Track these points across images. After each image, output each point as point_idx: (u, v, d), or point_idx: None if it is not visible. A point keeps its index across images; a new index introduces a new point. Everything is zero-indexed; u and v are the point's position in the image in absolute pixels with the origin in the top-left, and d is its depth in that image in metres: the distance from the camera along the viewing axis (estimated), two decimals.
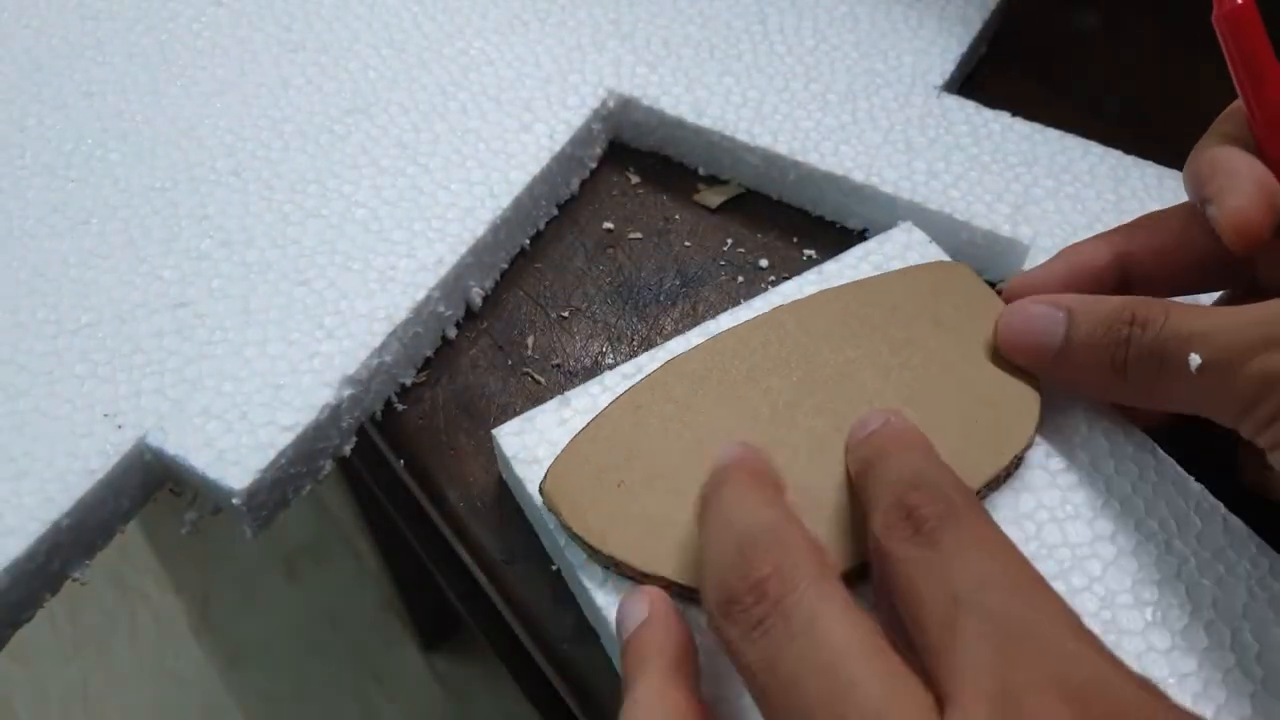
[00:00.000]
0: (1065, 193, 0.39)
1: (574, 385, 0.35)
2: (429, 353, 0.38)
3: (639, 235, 0.41)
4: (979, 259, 0.38)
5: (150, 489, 0.34)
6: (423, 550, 0.60)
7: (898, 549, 0.23)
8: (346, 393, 0.34)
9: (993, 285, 0.39)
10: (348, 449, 0.35)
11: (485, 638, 0.60)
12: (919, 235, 0.36)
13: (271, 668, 1.05)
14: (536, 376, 0.37)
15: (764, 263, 0.40)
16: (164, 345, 0.35)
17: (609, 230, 0.41)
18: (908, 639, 0.22)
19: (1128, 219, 0.38)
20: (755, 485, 0.25)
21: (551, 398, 0.33)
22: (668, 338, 0.36)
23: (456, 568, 0.57)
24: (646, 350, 0.34)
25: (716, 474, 0.26)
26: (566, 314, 0.39)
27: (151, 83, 0.43)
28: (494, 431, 0.32)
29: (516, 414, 0.33)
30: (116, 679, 1.04)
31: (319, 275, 0.36)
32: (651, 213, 0.42)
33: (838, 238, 0.41)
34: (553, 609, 0.32)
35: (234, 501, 0.31)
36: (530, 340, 0.38)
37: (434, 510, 0.35)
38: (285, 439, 0.32)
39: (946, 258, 0.36)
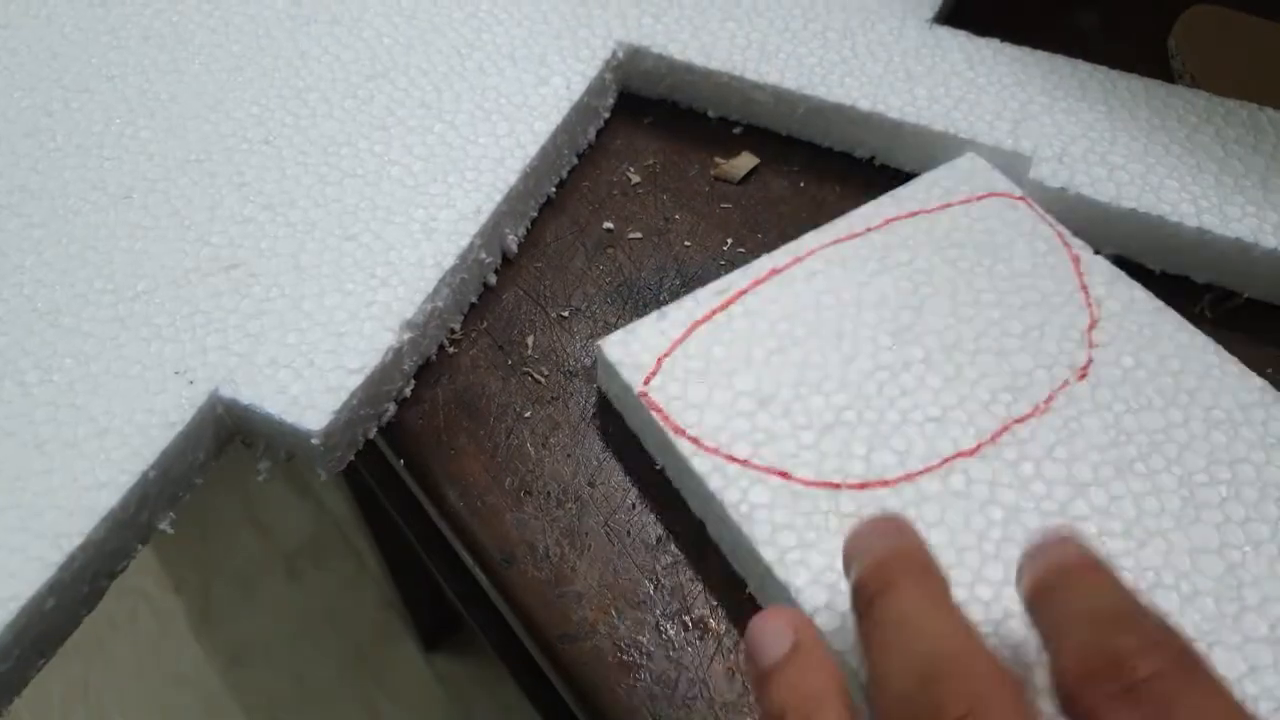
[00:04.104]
0: (1059, 107, 0.41)
1: (574, 384, 0.37)
2: (474, 299, 0.39)
3: (639, 235, 0.41)
4: None
5: (223, 441, 0.35)
6: (423, 550, 0.61)
7: (1107, 709, 0.19)
8: (407, 336, 0.35)
9: None
10: (409, 391, 0.37)
11: (485, 638, 0.61)
12: (982, 164, 0.40)
13: (271, 668, 1.06)
14: (536, 376, 0.37)
15: (764, 253, 0.40)
16: (222, 305, 0.36)
17: (609, 230, 0.41)
18: None
19: (1119, 127, 0.41)
20: (932, 592, 0.22)
21: (552, 397, 0.34)
22: None
23: (456, 568, 0.58)
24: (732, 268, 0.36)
25: (881, 569, 0.23)
26: (566, 314, 0.39)
27: (171, 62, 0.44)
28: (599, 342, 0.34)
29: (517, 414, 0.35)
30: (116, 679, 1.04)
31: (364, 229, 0.38)
32: (651, 213, 0.42)
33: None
34: (552, 609, 0.32)
35: (313, 442, 0.33)
36: (530, 340, 0.38)
37: (434, 510, 0.36)
38: (354, 381, 0.34)
39: (1010, 184, 0.39)
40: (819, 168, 0.43)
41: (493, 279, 0.40)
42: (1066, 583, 0.22)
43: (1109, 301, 0.35)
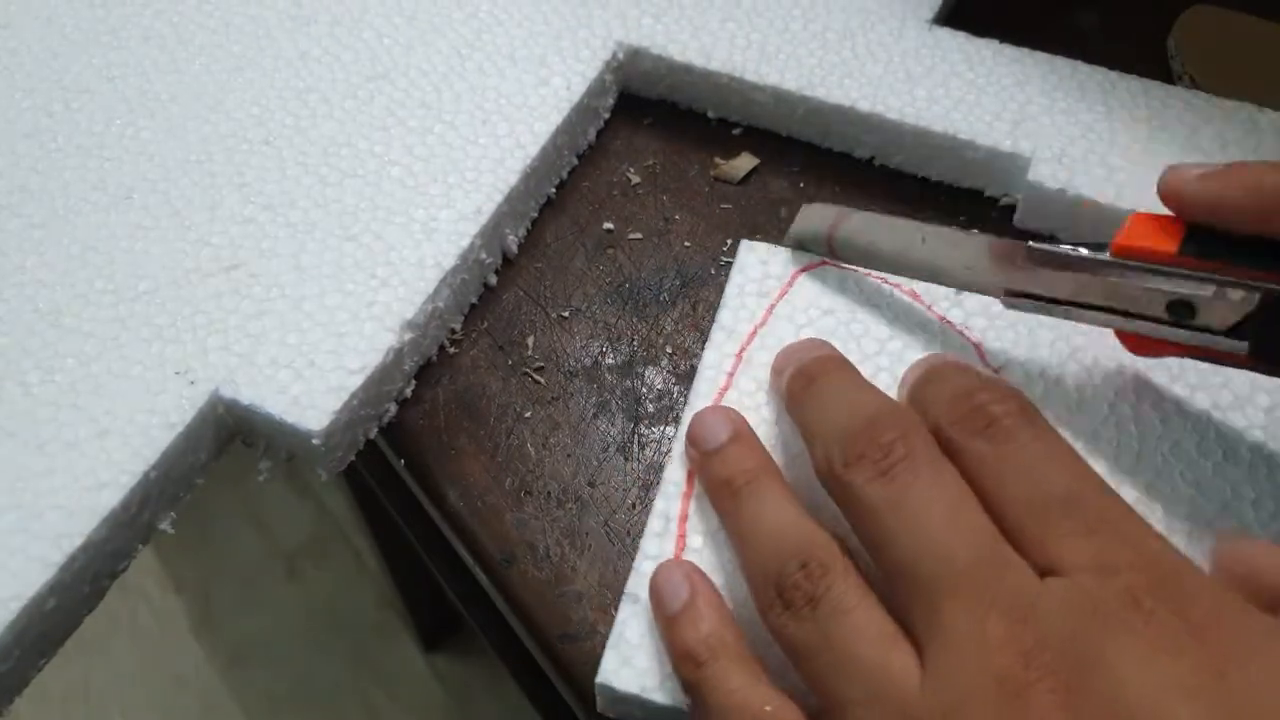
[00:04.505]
0: (1058, 108, 0.41)
1: (574, 384, 0.36)
2: (474, 299, 0.39)
3: (639, 235, 0.41)
4: (985, 175, 0.41)
5: (224, 442, 0.35)
6: (423, 550, 0.61)
7: (971, 443, 0.26)
8: (408, 336, 0.35)
9: (995, 201, 0.42)
10: (409, 391, 0.37)
11: (485, 638, 0.61)
12: (761, 246, 0.38)
13: (271, 667, 1.06)
14: (536, 376, 0.37)
15: None
16: (223, 305, 0.36)
17: (609, 230, 0.41)
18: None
19: (1119, 128, 0.41)
20: (855, 376, 0.30)
21: (552, 398, 0.34)
22: (668, 338, 0.38)
23: (456, 568, 0.57)
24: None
25: (813, 363, 0.31)
26: (566, 314, 0.39)
27: (171, 63, 0.44)
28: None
29: (517, 414, 0.35)
30: (117, 679, 1.04)
31: (364, 230, 0.38)
32: (651, 213, 0.42)
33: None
34: (553, 609, 0.32)
35: (314, 443, 0.33)
36: (530, 340, 0.38)
37: (434, 510, 0.36)
38: (355, 381, 0.34)
39: (794, 259, 0.38)
40: (819, 168, 0.43)
41: (493, 279, 0.40)
42: (937, 373, 0.29)
43: (975, 319, 0.36)
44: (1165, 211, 0.30)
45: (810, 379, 0.30)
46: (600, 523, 0.34)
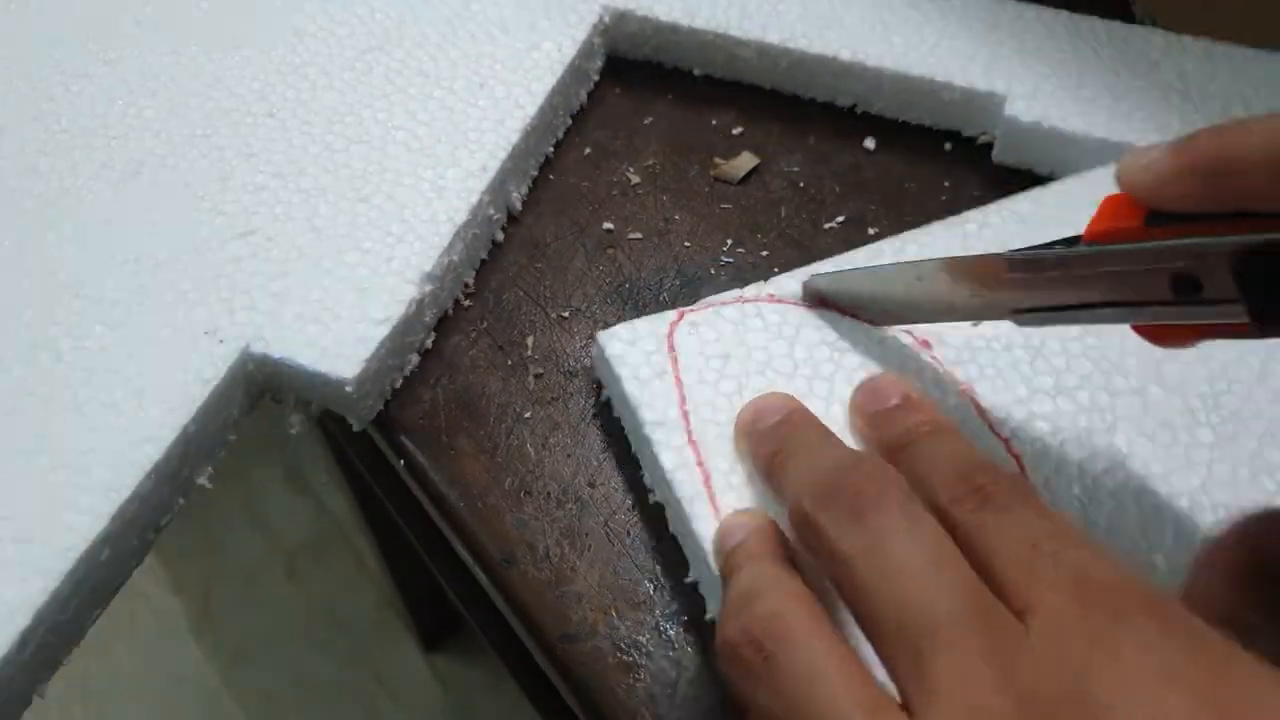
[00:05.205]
0: (1028, 49, 0.43)
1: (574, 384, 0.37)
2: (484, 255, 0.40)
3: (639, 235, 0.41)
4: (963, 115, 0.43)
5: (254, 397, 0.36)
6: (423, 550, 0.61)
7: (968, 517, 0.25)
8: (427, 288, 0.37)
9: (973, 140, 0.44)
10: (429, 343, 0.38)
11: (485, 638, 0.62)
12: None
13: (271, 668, 1.06)
14: (536, 377, 0.37)
15: (764, 253, 0.41)
16: (244, 268, 0.37)
17: (609, 230, 0.41)
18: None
19: (1086, 65, 0.43)
20: (824, 433, 0.30)
21: (552, 398, 0.34)
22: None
23: (456, 568, 0.58)
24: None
25: (768, 435, 0.30)
26: (566, 314, 0.39)
27: (167, 44, 0.45)
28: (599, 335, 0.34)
29: (517, 414, 0.36)
30: (116, 679, 1.04)
31: (375, 191, 0.39)
32: (651, 213, 0.42)
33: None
34: (553, 609, 0.32)
35: (347, 390, 0.34)
36: (530, 340, 0.38)
37: (434, 510, 0.36)
38: (382, 331, 0.35)
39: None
40: (818, 169, 0.44)
41: (500, 236, 0.41)
42: (919, 441, 0.29)
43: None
44: None
45: (773, 448, 0.30)
46: (600, 523, 0.34)
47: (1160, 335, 0.29)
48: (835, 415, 0.33)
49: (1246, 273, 0.25)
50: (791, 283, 0.36)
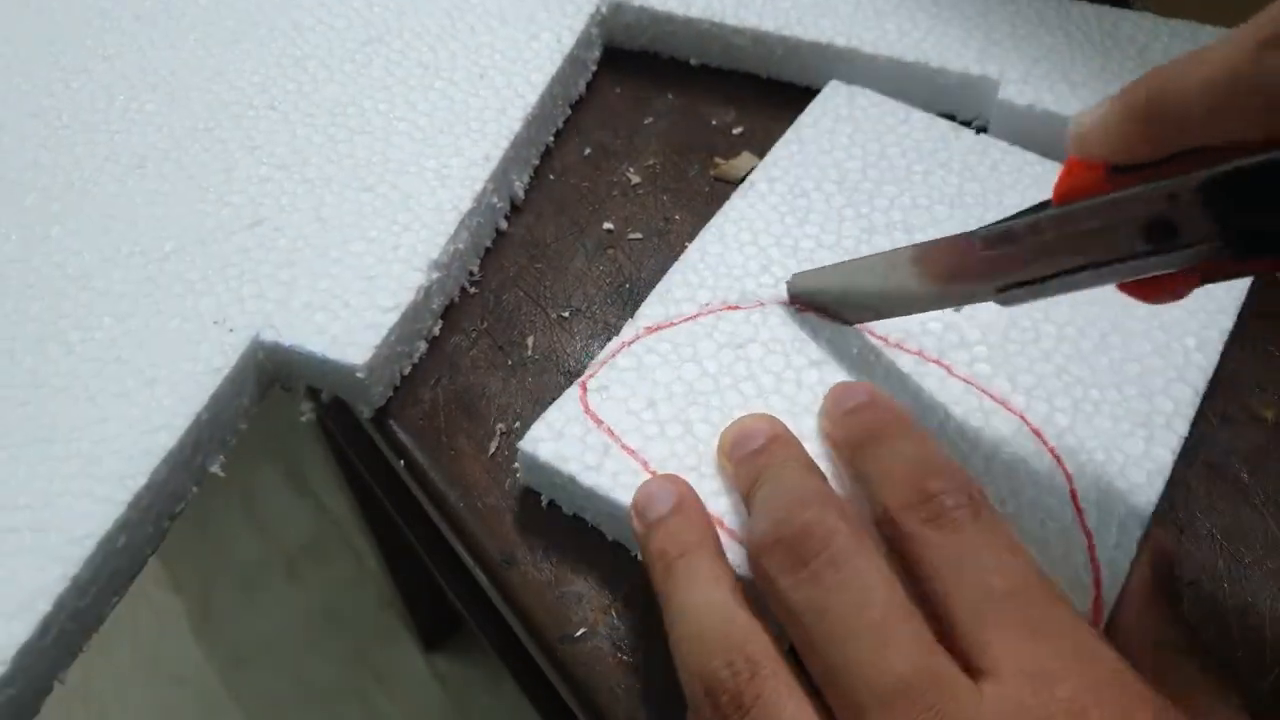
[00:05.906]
0: (1019, 34, 0.44)
1: (574, 385, 0.36)
2: (488, 243, 0.41)
3: (639, 235, 0.41)
4: (957, 100, 0.44)
5: (265, 386, 0.37)
6: (423, 550, 0.61)
7: (919, 530, 0.25)
8: (435, 276, 0.37)
9: (968, 124, 0.44)
10: (437, 330, 0.38)
11: (485, 638, 0.62)
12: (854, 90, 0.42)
13: (271, 668, 1.05)
14: (536, 376, 0.37)
15: None
16: (251, 258, 0.37)
17: (609, 230, 0.41)
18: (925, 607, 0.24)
19: (1078, 52, 0.44)
20: (803, 462, 0.29)
21: (552, 398, 0.34)
22: None
23: (456, 568, 0.57)
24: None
25: (760, 453, 0.29)
26: (566, 314, 0.39)
27: (166, 39, 0.45)
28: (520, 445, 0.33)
29: (517, 414, 0.36)
30: (116, 679, 1.03)
31: (380, 181, 0.39)
32: (651, 213, 0.42)
33: None
34: (553, 609, 0.32)
35: (358, 376, 0.34)
36: (530, 340, 0.38)
37: (434, 510, 0.36)
38: (391, 318, 0.35)
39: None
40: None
41: (504, 224, 0.41)
42: (877, 437, 0.29)
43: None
44: None
45: (750, 480, 0.29)
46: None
47: (1150, 291, 0.28)
48: (775, 405, 0.33)
49: (1219, 205, 0.24)
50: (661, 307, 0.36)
